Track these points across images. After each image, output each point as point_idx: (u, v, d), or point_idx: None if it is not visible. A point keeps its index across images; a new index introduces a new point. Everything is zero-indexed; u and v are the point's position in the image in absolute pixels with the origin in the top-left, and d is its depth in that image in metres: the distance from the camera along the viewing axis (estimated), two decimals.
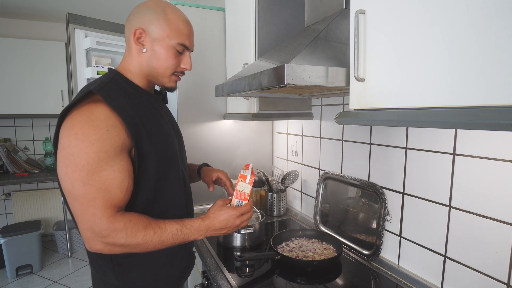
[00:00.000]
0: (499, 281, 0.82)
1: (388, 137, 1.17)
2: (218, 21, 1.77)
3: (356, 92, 0.76)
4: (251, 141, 1.96)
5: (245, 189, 0.94)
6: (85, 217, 0.74)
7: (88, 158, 0.73)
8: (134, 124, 0.80)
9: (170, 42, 0.87)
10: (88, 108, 0.77)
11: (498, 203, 0.82)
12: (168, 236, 0.81)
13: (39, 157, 3.48)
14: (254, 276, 1.15)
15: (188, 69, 0.94)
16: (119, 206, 0.78)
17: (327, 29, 0.95)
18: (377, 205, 1.20)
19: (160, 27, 0.86)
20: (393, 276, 1.13)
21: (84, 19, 2.33)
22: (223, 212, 0.90)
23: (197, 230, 0.86)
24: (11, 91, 3.03)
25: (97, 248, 0.76)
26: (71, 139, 0.74)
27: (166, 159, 0.89)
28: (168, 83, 0.94)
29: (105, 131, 0.75)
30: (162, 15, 0.86)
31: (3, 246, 2.75)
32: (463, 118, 0.52)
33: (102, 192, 0.74)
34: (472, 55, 0.51)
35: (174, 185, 0.94)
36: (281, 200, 1.77)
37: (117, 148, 0.77)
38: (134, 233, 0.77)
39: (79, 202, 0.74)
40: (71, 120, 0.76)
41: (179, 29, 0.88)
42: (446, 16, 0.55)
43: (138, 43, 0.87)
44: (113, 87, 0.83)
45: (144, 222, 0.79)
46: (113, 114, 0.77)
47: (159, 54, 0.88)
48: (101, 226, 0.74)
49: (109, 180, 0.75)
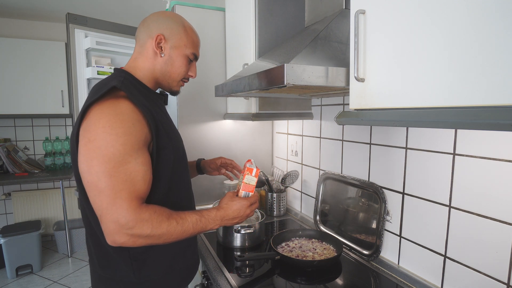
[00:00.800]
0: (499, 281, 0.82)
1: (388, 137, 1.17)
2: (218, 21, 1.77)
3: (356, 92, 0.76)
4: (251, 141, 1.96)
5: (251, 181, 1.00)
6: (111, 209, 0.75)
7: (115, 150, 0.75)
8: (153, 120, 0.84)
9: (186, 51, 0.97)
10: (112, 103, 0.80)
11: (498, 203, 0.82)
12: (189, 226, 0.84)
13: (39, 157, 3.48)
14: (254, 276, 1.15)
15: (193, 76, 1.04)
16: (142, 198, 0.81)
17: (327, 29, 0.95)
18: (377, 205, 1.20)
19: (179, 37, 0.96)
20: (393, 276, 1.13)
21: (84, 19, 2.33)
22: (235, 202, 0.96)
23: (214, 219, 0.91)
24: (11, 91, 3.03)
25: (121, 240, 0.77)
26: (99, 132, 0.76)
27: (179, 154, 0.96)
28: (176, 87, 1.02)
29: (130, 124, 0.78)
30: (181, 26, 0.97)
31: (3, 246, 2.75)
32: (463, 118, 0.52)
33: (127, 184, 0.76)
34: (472, 55, 0.51)
35: (184, 178, 1.00)
36: (281, 200, 1.77)
37: (141, 141, 0.81)
38: (159, 224, 0.79)
39: (105, 194, 0.75)
40: (97, 114, 0.78)
41: (194, 41, 0.99)
42: (446, 16, 0.55)
43: (158, 48, 0.94)
44: (129, 84, 0.88)
45: (167, 212, 0.82)
46: (136, 109, 0.81)
47: (175, 60, 0.96)
48: (128, 217, 0.75)
49: (134, 173, 0.78)
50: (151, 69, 0.96)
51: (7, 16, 3.21)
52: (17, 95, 3.06)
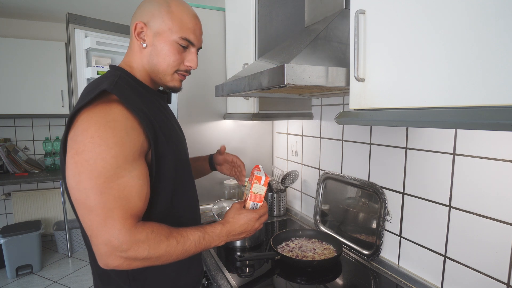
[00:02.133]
0: (499, 281, 0.82)
1: (388, 137, 1.16)
2: (218, 21, 1.77)
3: (356, 92, 0.76)
4: (251, 141, 1.96)
5: (260, 191, 0.90)
6: (102, 230, 0.66)
7: (106, 164, 0.66)
8: (151, 125, 0.74)
9: (172, 37, 0.81)
10: (103, 109, 0.70)
11: (498, 203, 0.82)
12: (191, 244, 0.76)
13: (39, 157, 3.48)
14: (254, 276, 1.15)
15: (192, 67, 0.86)
16: (138, 216, 0.71)
17: (327, 29, 0.94)
18: (377, 205, 1.20)
19: (161, 20, 0.80)
20: (393, 276, 1.13)
21: (84, 19, 2.33)
22: (242, 216, 0.85)
23: (219, 236, 0.81)
24: (11, 91, 3.03)
25: (114, 264, 0.68)
26: (86, 143, 0.66)
27: (181, 161, 0.85)
28: (171, 81, 0.86)
29: (123, 133, 0.68)
30: (165, 7, 0.81)
31: (3, 246, 2.75)
32: (463, 118, 0.52)
33: (120, 201, 0.67)
34: (472, 55, 0.51)
35: (188, 187, 0.90)
36: (281, 200, 1.77)
37: (136, 152, 0.71)
38: (157, 244, 0.70)
39: (95, 213, 0.66)
40: (84, 122, 0.68)
41: (183, 22, 0.82)
42: (446, 16, 0.55)
43: (139, 38, 0.82)
44: (124, 85, 0.77)
45: (166, 231, 0.73)
46: (130, 115, 0.71)
47: (160, 50, 0.82)
48: (122, 239, 0.66)
49: (128, 188, 0.69)
50: (142, 66, 0.84)
51: (7, 16, 3.21)
52: (17, 95, 3.06)
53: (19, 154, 3.26)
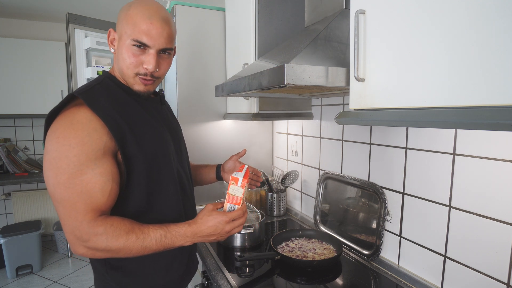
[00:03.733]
0: (499, 281, 0.82)
1: (388, 137, 1.16)
2: (218, 21, 1.77)
3: (356, 92, 0.76)
4: (251, 141, 1.96)
5: (237, 192, 0.88)
6: (67, 221, 0.75)
7: (69, 161, 0.73)
8: (117, 127, 0.78)
9: (127, 40, 0.82)
10: (71, 112, 0.77)
11: (498, 203, 0.82)
12: (151, 241, 0.79)
13: (39, 157, 3.48)
14: (254, 276, 1.15)
15: (148, 69, 0.84)
16: (101, 210, 0.78)
17: (327, 29, 0.95)
18: (377, 205, 1.20)
19: (121, 25, 0.84)
20: (393, 276, 1.13)
21: (84, 19, 2.33)
22: (211, 218, 0.85)
23: (183, 236, 0.83)
24: (11, 91, 3.03)
25: (80, 252, 0.77)
26: (53, 143, 0.74)
27: (156, 162, 0.87)
28: (134, 85, 0.87)
29: (85, 134, 0.75)
30: (125, 11, 0.83)
31: (3, 246, 2.75)
32: (463, 118, 0.52)
33: (83, 196, 0.74)
34: (472, 55, 0.51)
35: (168, 189, 0.91)
36: (281, 200, 1.77)
37: (99, 151, 0.76)
38: (115, 238, 0.76)
39: (62, 206, 0.75)
40: (54, 125, 0.77)
41: (136, 24, 0.80)
42: (446, 16, 0.55)
43: (111, 45, 0.88)
44: (99, 89, 0.83)
45: (127, 226, 0.78)
46: (94, 117, 0.77)
47: (120, 53, 0.84)
48: (82, 230, 0.75)
49: (91, 184, 0.75)
50: (118, 69, 0.88)
51: (7, 16, 3.21)
52: (17, 95, 3.06)
53: (19, 154, 3.26)
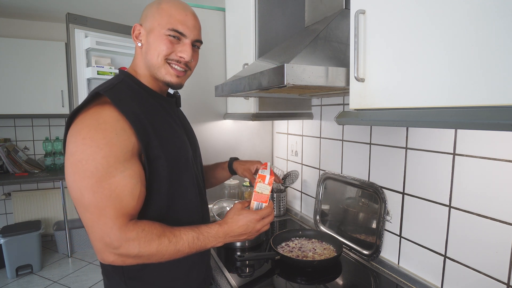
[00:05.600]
0: (499, 281, 0.82)
1: (388, 137, 1.16)
2: (218, 21, 1.77)
3: (356, 92, 0.76)
4: (251, 141, 1.96)
5: (264, 190, 0.88)
6: (96, 228, 0.70)
7: (97, 164, 0.69)
8: (143, 128, 0.76)
9: (162, 31, 0.83)
10: (95, 111, 0.73)
11: (498, 203, 0.82)
12: (184, 244, 0.76)
13: (39, 157, 3.48)
14: (254, 276, 1.15)
15: (184, 57, 0.85)
16: (131, 215, 0.74)
17: (327, 29, 0.94)
18: (377, 205, 1.20)
19: (152, 18, 0.84)
20: (393, 276, 1.13)
21: (84, 19, 2.33)
22: (242, 217, 0.84)
23: (215, 237, 0.81)
24: (11, 91, 3.03)
25: (109, 260, 0.72)
26: (78, 144, 0.70)
27: (178, 164, 0.85)
28: (166, 75, 0.85)
29: (113, 134, 0.71)
30: (156, 6, 0.85)
31: (3, 246, 2.75)
32: (463, 118, 0.52)
33: (112, 200, 0.70)
34: (472, 55, 0.51)
35: (189, 191, 0.89)
36: (281, 200, 1.77)
37: (128, 152, 0.73)
38: (147, 243, 0.72)
39: (89, 211, 0.70)
40: (78, 124, 0.73)
41: (171, 15, 0.83)
42: (446, 16, 0.55)
43: (136, 39, 0.87)
44: (122, 88, 0.80)
45: (158, 230, 0.74)
46: (121, 116, 0.74)
47: (152, 45, 0.84)
48: (113, 237, 0.70)
49: (120, 187, 0.71)
50: (143, 66, 0.87)
51: (7, 16, 3.21)
52: (17, 95, 3.06)
53: (19, 154, 3.26)
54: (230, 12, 1.69)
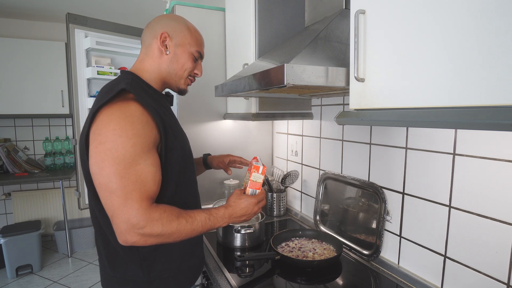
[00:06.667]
0: (499, 281, 0.82)
1: (388, 137, 1.17)
2: (218, 21, 1.77)
3: (356, 92, 0.76)
4: (251, 141, 1.96)
5: (258, 179, 1.02)
6: (122, 210, 0.77)
7: (126, 152, 0.77)
8: (161, 122, 0.85)
9: (191, 49, 0.99)
10: (121, 105, 0.81)
11: (498, 203, 0.82)
12: (198, 224, 0.86)
13: (39, 157, 3.48)
14: (254, 276, 1.15)
15: (199, 75, 1.05)
16: (153, 198, 0.82)
17: (327, 29, 0.95)
18: (377, 205, 1.20)
19: (183, 35, 0.98)
20: (393, 276, 1.13)
21: (84, 19, 2.33)
22: (243, 200, 0.97)
23: (222, 217, 0.92)
24: (11, 91, 3.03)
25: (132, 240, 0.78)
26: (108, 134, 0.77)
27: (185, 154, 0.97)
28: (183, 85, 1.03)
29: (140, 126, 0.80)
30: (185, 25, 1.00)
31: (3, 246, 2.75)
32: (463, 118, 0.52)
33: (138, 185, 0.78)
34: (472, 55, 0.51)
35: (190, 179, 1.02)
36: (281, 200, 1.77)
37: (151, 143, 0.82)
38: (169, 222, 0.81)
39: (116, 194, 0.77)
40: (106, 117, 0.80)
41: (198, 39, 1.02)
42: (446, 15, 0.55)
43: (163, 46, 0.96)
44: (136, 86, 0.89)
45: (176, 212, 0.84)
46: (145, 111, 0.83)
47: (180, 57, 0.98)
48: (139, 218, 0.77)
49: (144, 173, 0.79)
50: (157, 70, 0.97)
51: (7, 16, 3.21)
52: (17, 95, 3.06)
53: (19, 154, 3.26)
54: (230, 12, 1.69)
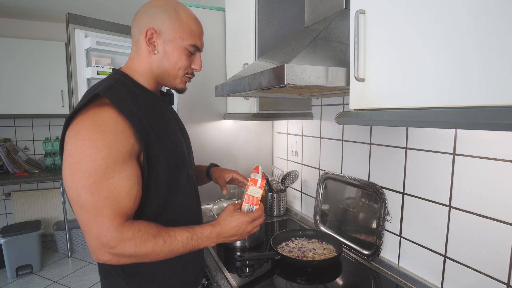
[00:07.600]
0: (499, 281, 0.82)
1: (388, 137, 1.16)
2: (218, 21, 1.77)
3: (356, 92, 0.76)
4: (251, 141, 1.96)
5: (256, 193, 0.91)
6: (92, 227, 0.71)
7: (96, 165, 0.70)
8: (142, 127, 0.77)
9: (183, 44, 0.86)
10: (95, 112, 0.74)
11: (498, 203, 0.82)
12: (178, 245, 0.78)
13: (39, 157, 3.48)
14: (254, 276, 1.15)
15: (197, 69, 0.92)
16: (127, 215, 0.75)
17: (327, 29, 0.94)
18: (377, 205, 1.20)
19: (172, 28, 0.84)
20: (393, 276, 1.13)
21: (84, 19, 2.33)
22: (234, 218, 0.86)
23: (208, 237, 0.83)
24: (11, 91, 3.03)
25: (104, 259, 0.73)
26: (78, 145, 0.71)
27: (175, 162, 0.87)
28: (179, 84, 0.92)
29: (113, 136, 0.72)
30: (174, 15, 0.84)
31: (3, 246, 2.75)
32: (463, 118, 0.52)
33: (110, 201, 0.71)
34: (472, 55, 0.51)
35: (185, 188, 0.91)
36: (281, 200, 1.77)
37: (126, 154, 0.74)
38: (143, 243, 0.73)
39: (86, 211, 0.71)
40: (77, 126, 0.73)
41: (192, 30, 0.87)
42: (446, 16, 0.55)
43: (150, 44, 0.84)
44: (120, 88, 0.80)
45: (154, 230, 0.76)
46: (121, 118, 0.74)
47: (171, 56, 0.86)
48: (109, 236, 0.71)
49: (118, 188, 0.72)
50: (149, 70, 0.87)
51: (7, 16, 3.21)
52: (17, 95, 3.06)
53: (19, 154, 3.26)
54: (230, 12, 1.69)
